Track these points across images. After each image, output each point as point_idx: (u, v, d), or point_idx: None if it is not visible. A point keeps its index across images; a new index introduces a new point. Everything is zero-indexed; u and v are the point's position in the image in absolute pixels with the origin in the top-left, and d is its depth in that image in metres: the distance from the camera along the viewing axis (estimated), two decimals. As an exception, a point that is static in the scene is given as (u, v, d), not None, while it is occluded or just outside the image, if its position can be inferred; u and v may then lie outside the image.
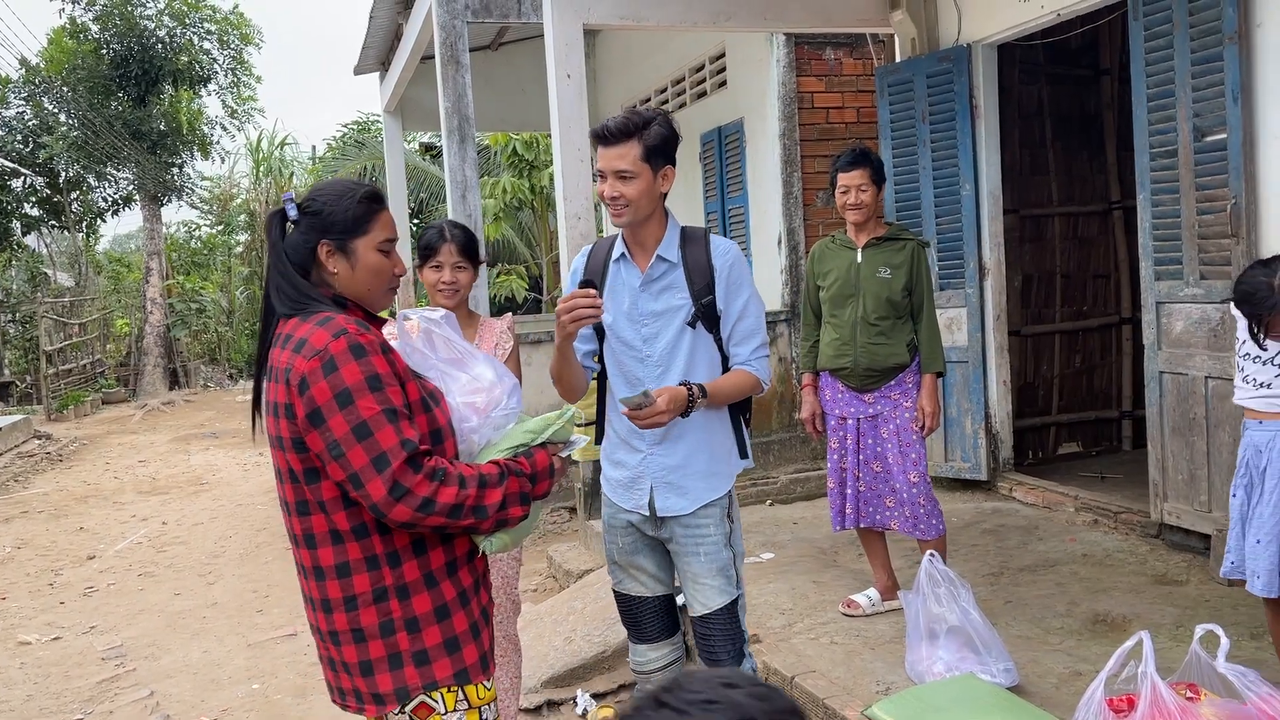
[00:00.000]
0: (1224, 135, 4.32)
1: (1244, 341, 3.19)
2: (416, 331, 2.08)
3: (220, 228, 24.36)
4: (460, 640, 1.95)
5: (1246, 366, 3.19)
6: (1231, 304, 3.27)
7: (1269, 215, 4.23)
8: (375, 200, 2.03)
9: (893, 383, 4.09)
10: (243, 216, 23.79)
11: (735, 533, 2.79)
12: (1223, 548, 4.24)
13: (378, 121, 19.48)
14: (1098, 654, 3.55)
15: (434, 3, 6.94)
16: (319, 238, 1.98)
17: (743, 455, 2.82)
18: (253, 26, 20.87)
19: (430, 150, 19.52)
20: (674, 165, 2.68)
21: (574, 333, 2.56)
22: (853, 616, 4.17)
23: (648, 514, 2.73)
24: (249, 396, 2.16)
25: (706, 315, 2.68)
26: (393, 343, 2.01)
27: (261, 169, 23.72)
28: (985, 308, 6.02)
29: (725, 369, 2.74)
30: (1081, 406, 6.93)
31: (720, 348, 2.74)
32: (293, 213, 2.00)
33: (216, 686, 4.68)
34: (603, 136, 2.59)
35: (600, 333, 2.77)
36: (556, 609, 4.82)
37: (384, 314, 2.16)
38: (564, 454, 2.09)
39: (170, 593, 6.32)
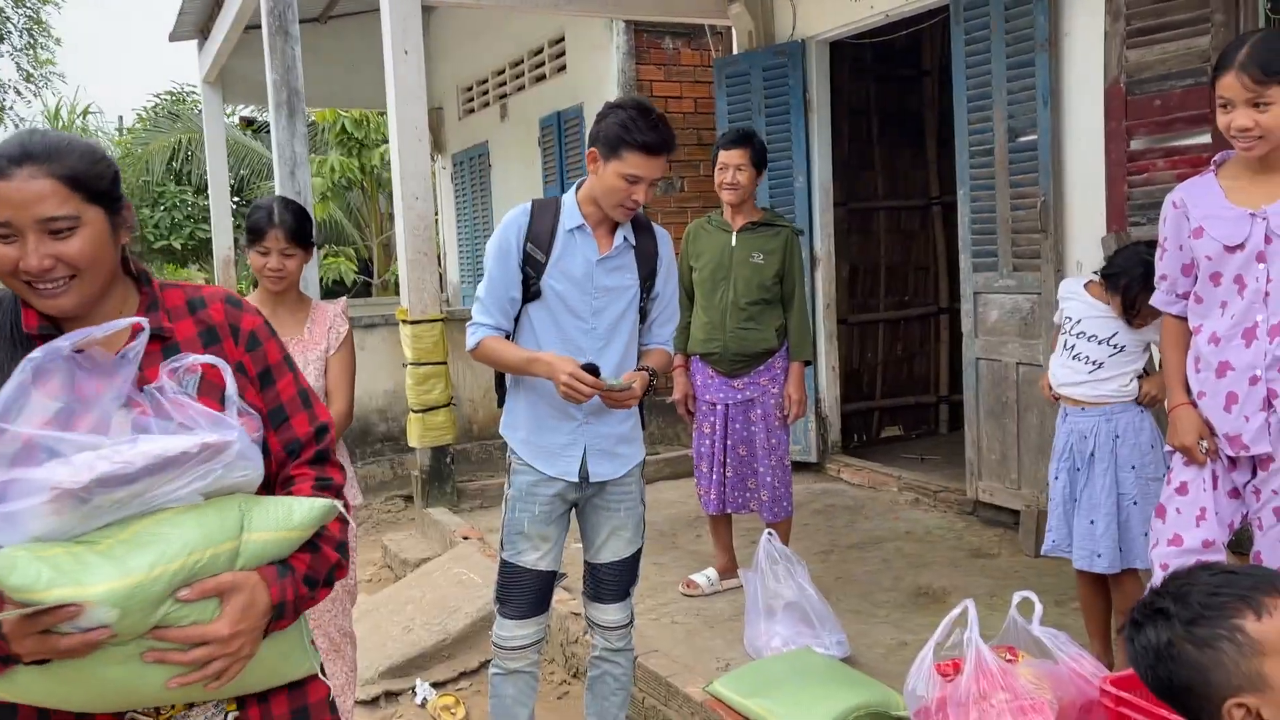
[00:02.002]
0: (1035, 136, 4.62)
1: (1078, 320, 3.22)
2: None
3: (14, 201, 22.50)
4: None
5: (1079, 345, 3.20)
6: (1070, 282, 3.35)
7: (1073, 212, 4.54)
8: None
9: (761, 368, 4.11)
10: (40, 189, 22.06)
11: (644, 489, 3.01)
12: (1032, 523, 4.57)
13: (194, 92, 18.43)
14: (921, 624, 3.74)
15: (260, -32, 6.60)
16: None
17: (643, 425, 3.01)
18: (52, -16, 19.33)
19: (251, 125, 18.56)
20: None
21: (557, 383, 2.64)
22: (692, 596, 4.25)
23: (575, 480, 2.81)
24: None
25: (644, 296, 2.87)
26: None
27: (62, 139, 22.04)
28: (816, 297, 6.23)
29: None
30: (903, 392, 7.28)
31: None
32: None
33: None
34: (663, 146, 2.66)
35: (528, 295, 2.77)
36: (394, 598, 4.70)
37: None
38: (66, 624, 1.22)
39: None
